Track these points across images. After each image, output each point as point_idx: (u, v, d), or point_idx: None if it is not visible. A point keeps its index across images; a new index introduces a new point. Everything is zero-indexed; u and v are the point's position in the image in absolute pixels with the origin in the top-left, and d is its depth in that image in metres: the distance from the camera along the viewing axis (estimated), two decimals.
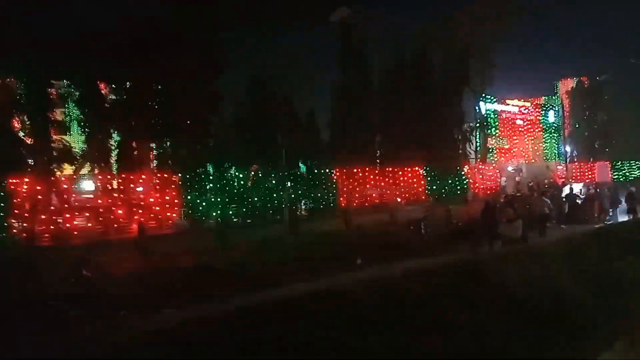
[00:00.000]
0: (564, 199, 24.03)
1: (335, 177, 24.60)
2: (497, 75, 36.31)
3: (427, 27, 31.38)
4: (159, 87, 19.71)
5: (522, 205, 22.77)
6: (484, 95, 35.93)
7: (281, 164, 22.50)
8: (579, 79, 47.17)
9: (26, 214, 16.92)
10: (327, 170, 24.17)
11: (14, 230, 16.88)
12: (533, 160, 41.08)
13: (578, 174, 42.28)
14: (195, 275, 11.08)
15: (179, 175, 19.58)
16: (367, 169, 26.05)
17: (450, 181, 29.92)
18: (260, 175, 22.04)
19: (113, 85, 19.05)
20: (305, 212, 23.53)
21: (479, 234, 15.51)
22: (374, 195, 25.91)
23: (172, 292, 9.89)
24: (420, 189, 28.37)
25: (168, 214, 19.26)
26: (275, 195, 22.11)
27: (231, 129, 22.70)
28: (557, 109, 43.70)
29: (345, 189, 24.76)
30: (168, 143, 20.54)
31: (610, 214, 23.31)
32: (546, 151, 42.90)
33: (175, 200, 19.37)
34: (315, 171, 23.90)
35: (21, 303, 8.68)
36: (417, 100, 28.79)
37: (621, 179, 44.70)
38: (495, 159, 37.53)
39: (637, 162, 51.02)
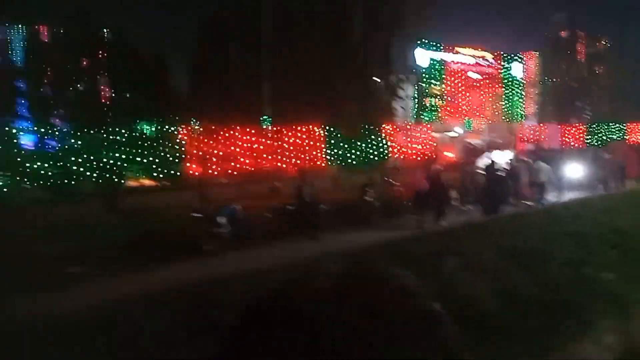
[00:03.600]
0: (482, 172, 18.48)
1: (185, 137, 18.65)
2: (461, 24, 29.68)
3: None
4: None
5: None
6: (423, 40, 29.45)
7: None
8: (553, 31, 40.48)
9: None
10: (171, 129, 18.15)
11: None
12: (490, 121, 34.97)
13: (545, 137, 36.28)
14: None
15: None
16: (237, 127, 19.98)
17: (363, 145, 23.91)
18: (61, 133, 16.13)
19: None
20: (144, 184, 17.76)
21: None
22: (247, 161, 19.99)
23: None
24: (319, 154, 22.41)
25: None
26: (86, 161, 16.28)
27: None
28: (523, 62, 37.16)
29: (201, 154, 18.81)
30: None
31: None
32: (508, 110, 36.60)
33: None
34: (152, 129, 17.89)
35: None
36: (319, 39, 22.37)
37: (598, 145, 38.62)
38: (439, 119, 31.38)
39: (617, 124, 44.68)
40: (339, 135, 22.89)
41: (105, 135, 16.75)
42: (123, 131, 17.03)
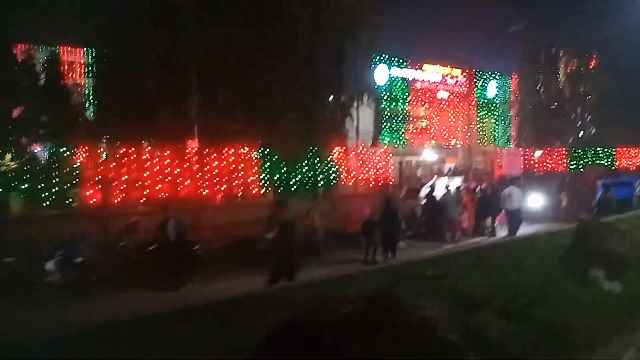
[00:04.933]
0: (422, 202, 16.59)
1: (85, 160, 16.33)
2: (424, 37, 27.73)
3: None
4: None
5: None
6: (384, 55, 27.41)
7: None
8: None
9: None
10: (65, 150, 15.83)
11: None
12: (463, 145, 32.80)
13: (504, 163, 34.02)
14: None
15: None
16: (148, 148, 17.73)
17: (306, 169, 21.59)
18: None
19: None
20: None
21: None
22: (160, 188, 17.59)
23: None
24: (252, 179, 20.04)
25: None
26: None
27: None
28: (499, 80, 35.04)
29: (101, 179, 16.44)
30: None
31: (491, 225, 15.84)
32: (484, 133, 34.37)
33: None
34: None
35: None
36: (257, 49, 20.16)
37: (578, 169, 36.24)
38: (403, 141, 29.14)
39: (605, 149, 42.28)
40: (276, 159, 20.61)
41: None
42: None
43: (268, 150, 20.39)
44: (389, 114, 28.23)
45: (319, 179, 21.83)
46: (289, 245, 8.50)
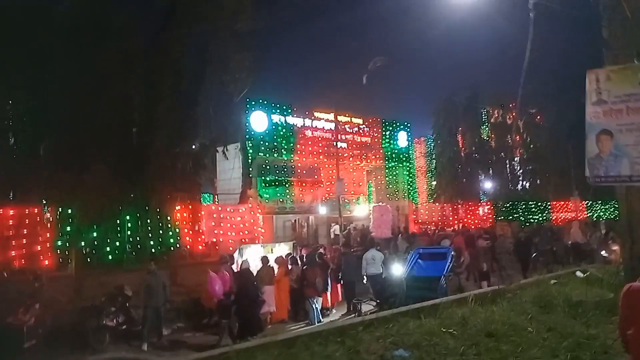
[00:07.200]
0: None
1: None
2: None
3: None
4: None
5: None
6: (259, 101, 24.05)
7: None
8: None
9: None
10: None
11: None
12: (358, 199, 29.15)
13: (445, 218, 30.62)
14: None
15: None
16: None
17: (129, 232, 17.24)
18: None
19: None
20: None
21: None
22: None
23: None
24: (44, 247, 15.49)
25: None
26: None
27: None
28: (409, 130, 32.05)
29: None
30: None
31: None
32: (392, 186, 30.88)
33: None
34: None
35: None
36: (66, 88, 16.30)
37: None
38: (288, 196, 25.29)
39: (539, 203, 39.37)
40: (84, 220, 16.26)
41: None
42: None
43: (72, 210, 16.07)
44: (268, 165, 24.50)
45: (148, 243, 17.48)
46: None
